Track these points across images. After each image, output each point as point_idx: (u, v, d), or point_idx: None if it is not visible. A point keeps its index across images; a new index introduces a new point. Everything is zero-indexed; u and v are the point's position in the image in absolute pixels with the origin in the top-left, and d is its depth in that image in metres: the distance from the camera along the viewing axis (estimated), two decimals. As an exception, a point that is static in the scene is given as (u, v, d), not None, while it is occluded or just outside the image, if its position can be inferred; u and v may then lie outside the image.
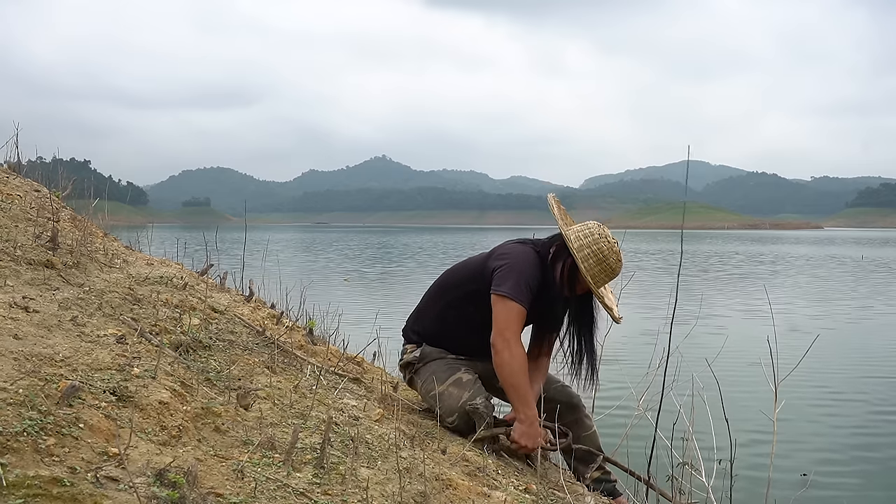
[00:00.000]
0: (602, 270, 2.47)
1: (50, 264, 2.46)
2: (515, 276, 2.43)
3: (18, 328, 1.80)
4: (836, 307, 13.57)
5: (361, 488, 1.57)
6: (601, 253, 2.45)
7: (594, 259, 2.45)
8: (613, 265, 2.48)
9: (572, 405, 2.73)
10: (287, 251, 30.69)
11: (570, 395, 2.76)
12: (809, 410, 6.04)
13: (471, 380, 2.58)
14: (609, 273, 2.49)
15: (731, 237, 63.77)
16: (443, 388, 2.56)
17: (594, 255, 2.45)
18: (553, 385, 2.73)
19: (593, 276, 2.45)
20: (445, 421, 2.50)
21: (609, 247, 2.47)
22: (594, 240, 2.47)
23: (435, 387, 2.58)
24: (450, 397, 2.52)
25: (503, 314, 2.40)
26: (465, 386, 2.54)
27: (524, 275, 2.45)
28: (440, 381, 2.58)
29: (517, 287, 2.41)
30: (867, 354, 9.03)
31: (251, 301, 3.38)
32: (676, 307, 2.50)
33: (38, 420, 1.36)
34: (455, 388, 2.54)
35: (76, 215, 3.63)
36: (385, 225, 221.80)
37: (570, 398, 2.74)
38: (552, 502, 2.14)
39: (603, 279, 2.50)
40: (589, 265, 2.44)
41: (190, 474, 1.31)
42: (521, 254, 2.52)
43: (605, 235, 2.49)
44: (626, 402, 3.77)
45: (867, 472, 4.75)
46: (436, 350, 2.71)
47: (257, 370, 2.21)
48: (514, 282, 2.42)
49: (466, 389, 2.53)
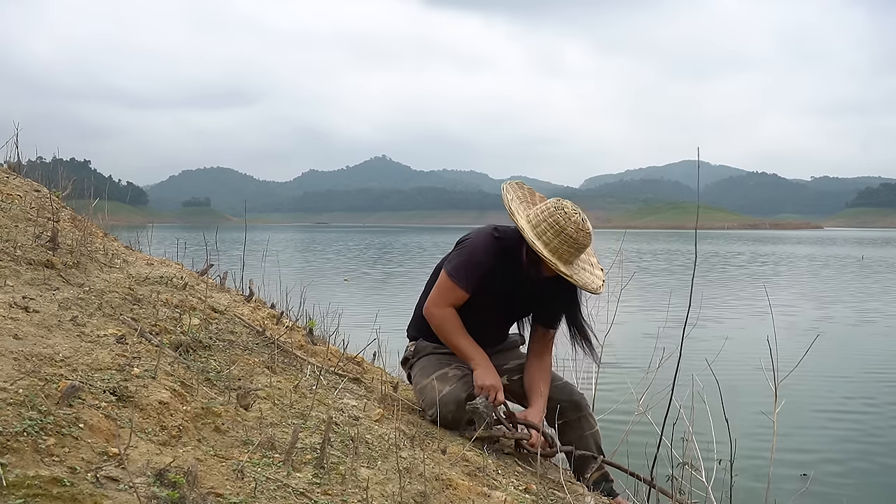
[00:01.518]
0: (563, 242, 2.38)
1: (50, 264, 2.46)
2: (462, 258, 2.58)
3: (18, 328, 1.80)
4: (836, 307, 13.57)
5: (361, 488, 1.57)
6: (557, 224, 2.38)
7: (552, 232, 2.39)
8: (574, 234, 2.38)
9: (574, 403, 2.71)
10: (287, 251, 30.70)
11: (572, 393, 2.75)
12: (809, 410, 6.04)
13: (457, 375, 2.59)
14: (572, 244, 2.39)
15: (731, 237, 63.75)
16: (427, 382, 2.58)
17: (551, 227, 2.39)
18: (555, 383, 2.71)
19: (553, 250, 2.38)
20: (426, 414, 2.54)
21: (566, 217, 2.39)
22: (550, 213, 2.41)
23: (420, 380, 2.64)
24: (431, 390, 2.54)
25: (437, 287, 2.60)
26: (448, 380, 2.56)
27: (471, 257, 2.56)
28: (426, 375, 2.63)
29: (457, 267, 2.56)
30: (868, 354, 9.04)
31: (251, 301, 3.38)
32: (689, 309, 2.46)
33: (38, 420, 1.36)
34: (438, 381, 2.56)
35: (76, 215, 3.63)
36: (385, 225, 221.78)
37: (571, 396, 2.73)
38: (552, 502, 2.14)
39: (568, 252, 2.40)
40: (547, 239, 2.38)
41: (190, 474, 1.31)
42: (476, 239, 2.61)
43: (561, 207, 2.42)
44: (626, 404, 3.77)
45: (867, 472, 4.75)
46: (431, 345, 2.74)
47: (257, 370, 2.21)
48: (458, 262, 2.57)
49: (448, 384, 2.54)
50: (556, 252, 2.39)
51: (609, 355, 3.84)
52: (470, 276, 2.55)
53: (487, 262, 2.55)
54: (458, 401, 2.48)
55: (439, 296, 2.60)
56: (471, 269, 2.55)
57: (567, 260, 2.42)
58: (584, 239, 2.41)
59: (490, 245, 2.57)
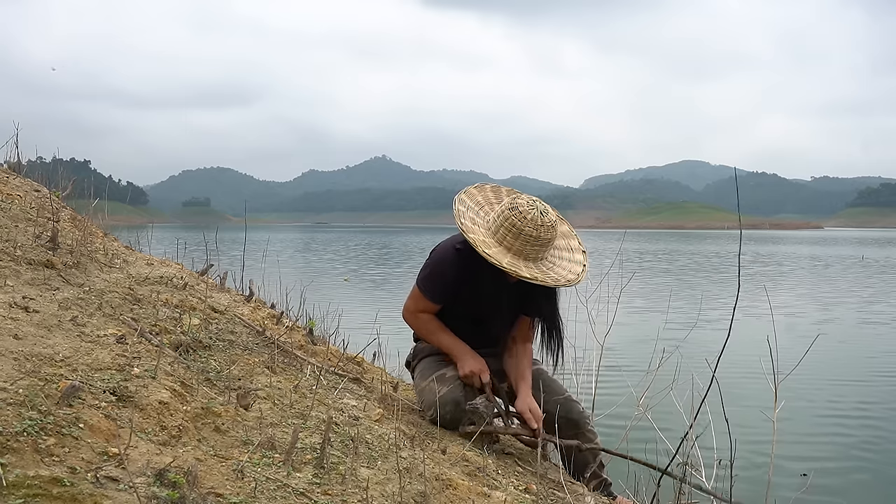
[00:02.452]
0: (525, 243, 2.36)
1: (50, 264, 2.46)
2: (427, 271, 2.65)
3: (18, 328, 1.80)
4: (836, 307, 13.57)
5: (361, 488, 1.57)
6: (514, 227, 2.37)
7: (511, 235, 2.37)
8: (533, 233, 2.35)
9: (572, 420, 2.63)
10: (287, 251, 30.69)
11: (570, 410, 2.66)
12: (809, 410, 6.04)
13: (455, 376, 2.59)
14: (534, 242, 2.37)
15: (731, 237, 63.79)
16: (426, 384, 2.60)
17: (509, 231, 2.38)
18: (553, 398, 2.63)
19: (517, 252, 2.37)
20: (426, 415, 2.55)
21: (520, 217, 2.36)
22: (505, 217, 2.40)
23: (420, 382, 2.67)
24: (429, 392, 2.54)
25: (411, 296, 2.69)
26: (446, 381, 2.56)
27: (435, 270, 2.62)
28: (425, 377, 2.64)
29: (424, 280, 2.64)
30: (868, 354, 9.03)
31: (251, 301, 3.38)
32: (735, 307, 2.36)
33: (38, 420, 1.36)
34: (437, 383, 2.56)
35: (76, 215, 3.63)
36: (385, 225, 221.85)
37: (568, 413, 2.63)
38: (552, 502, 2.14)
39: (533, 249, 2.38)
40: (509, 243, 2.37)
41: (190, 474, 1.31)
42: (439, 254, 2.64)
43: (515, 207, 2.39)
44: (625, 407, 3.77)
45: (867, 471, 4.75)
46: (429, 346, 2.76)
47: (257, 370, 2.21)
48: (425, 275, 2.65)
49: (446, 385, 2.54)
50: (520, 253, 2.38)
51: (610, 355, 3.84)
52: (436, 290, 2.61)
53: (453, 275, 2.56)
54: (456, 401, 2.48)
55: (412, 304, 2.68)
56: (436, 282, 2.60)
57: (535, 257, 2.40)
58: (546, 233, 2.39)
59: (451, 259, 2.56)
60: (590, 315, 3.78)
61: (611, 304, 3.87)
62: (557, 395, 2.68)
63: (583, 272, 2.48)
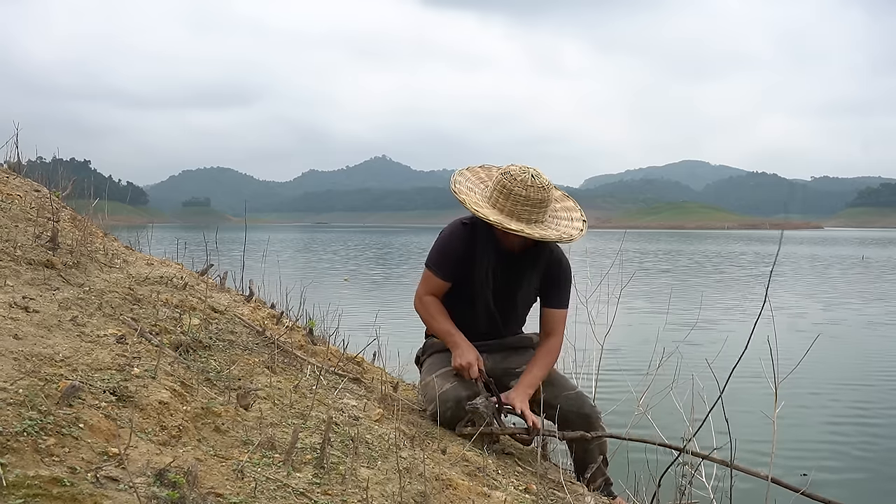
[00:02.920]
0: (517, 203, 2.42)
1: (50, 264, 2.46)
2: (435, 248, 2.69)
3: (18, 328, 1.80)
4: (837, 307, 13.57)
5: (361, 488, 1.57)
6: (505, 189, 2.44)
7: (503, 197, 2.44)
8: (523, 192, 2.41)
9: (584, 415, 2.61)
10: (287, 251, 30.69)
11: (583, 405, 2.64)
12: (809, 410, 6.04)
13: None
14: (525, 202, 2.42)
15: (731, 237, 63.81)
16: (429, 379, 2.60)
17: (501, 193, 2.45)
18: (564, 392, 2.62)
19: (510, 213, 2.43)
20: (426, 410, 2.56)
21: (511, 178, 2.43)
22: (497, 181, 2.48)
23: (425, 376, 2.68)
24: (432, 387, 2.55)
25: (420, 281, 2.72)
26: (450, 378, 2.56)
27: (443, 247, 2.66)
28: (430, 372, 2.65)
29: (431, 257, 2.68)
30: (868, 354, 9.03)
31: (251, 301, 3.38)
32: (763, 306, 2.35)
33: (38, 420, 1.36)
34: (440, 379, 2.56)
35: (76, 215, 3.63)
36: (385, 225, 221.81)
37: (581, 408, 2.62)
38: (552, 502, 2.14)
39: (527, 211, 2.43)
40: (501, 205, 2.44)
41: (190, 474, 1.31)
42: (447, 230, 2.69)
43: (507, 171, 2.47)
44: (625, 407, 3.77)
45: (867, 471, 4.75)
46: (439, 343, 2.75)
47: (257, 370, 2.21)
48: (431, 253, 2.69)
49: (450, 381, 2.54)
50: (513, 214, 2.44)
51: (610, 356, 3.84)
52: (443, 264, 2.64)
53: (460, 248, 2.61)
54: (458, 399, 2.47)
55: (421, 287, 2.71)
56: (443, 257, 2.65)
57: (529, 219, 2.44)
58: (538, 194, 2.43)
59: (458, 232, 2.64)
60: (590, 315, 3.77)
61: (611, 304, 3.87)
62: (568, 389, 2.66)
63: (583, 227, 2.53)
